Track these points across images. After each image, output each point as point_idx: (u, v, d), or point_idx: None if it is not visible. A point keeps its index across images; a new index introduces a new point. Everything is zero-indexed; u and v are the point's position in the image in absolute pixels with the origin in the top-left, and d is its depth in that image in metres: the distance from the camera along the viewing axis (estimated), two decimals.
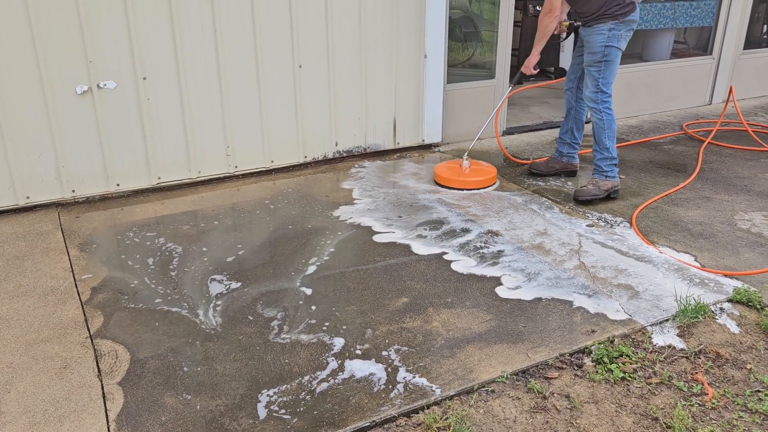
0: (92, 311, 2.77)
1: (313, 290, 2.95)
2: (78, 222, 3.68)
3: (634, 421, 2.16)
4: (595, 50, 3.85)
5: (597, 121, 3.98)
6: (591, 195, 3.97)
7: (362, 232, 3.55)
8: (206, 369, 2.40)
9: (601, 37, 3.82)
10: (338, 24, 4.37)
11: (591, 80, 3.93)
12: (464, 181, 4.17)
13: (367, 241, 3.43)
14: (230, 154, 4.30)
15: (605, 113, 3.95)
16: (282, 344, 2.54)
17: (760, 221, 3.77)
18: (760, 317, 2.74)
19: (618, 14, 3.76)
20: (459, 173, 4.23)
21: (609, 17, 3.78)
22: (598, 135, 4.01)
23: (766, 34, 7.39)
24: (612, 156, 4.01)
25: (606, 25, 3.80)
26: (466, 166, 4.27)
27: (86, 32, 3.66)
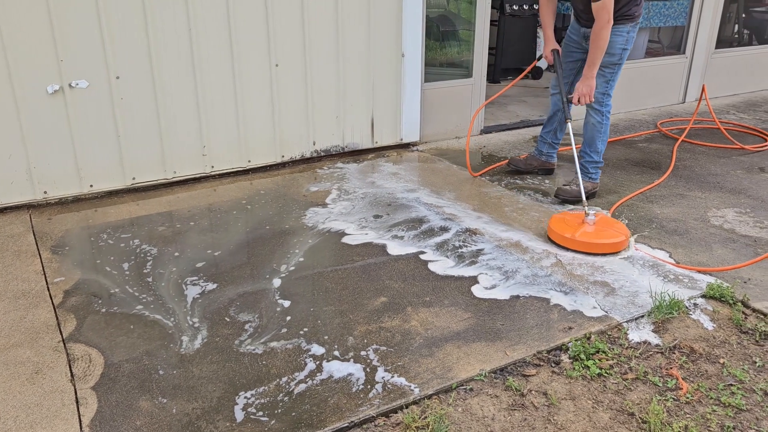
0: (65, 315, 2.72)
1: (291, 291, 2.93)
2: (50, 224, 3.62)
3: (611, 417, 2.18)
4: (614, 51, 3.76)
5: (596, 124, 3.94)
6: (572, 195, 3.94)
7: (340, 232, 3.53)
8: (182, 372, 2.37)
9: (621, 39, 3.74)
10: (315, 22, 4.34)
11: (601, 81, 3.85)
12: (589, 244, 3.30)
13: (345, 241, 3.42)
14: (206, 153, 4.26)
15: (606, 117, 3.93)
16: (259, 346, 2.52)
17: (732, 218, 3.83)
18: (732, 312, 2.78)
19: (636, 15, 3.73)
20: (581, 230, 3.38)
21: (629, 18, 3.72)
22: (592, 137, 3.98)
23: (737, 34, 7.52)
24: (600, 160, 4.03)
25: (626, 27, 3.73)
26: (590, 221, 3.46)
27: (57, 31, 3.60)
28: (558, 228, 3.41)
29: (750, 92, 7.36)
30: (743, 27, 7.56)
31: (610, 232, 3.38)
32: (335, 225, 3.61)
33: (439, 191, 4.16)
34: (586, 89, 3.76)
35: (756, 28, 7.75)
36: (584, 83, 3.76)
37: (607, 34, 3.58)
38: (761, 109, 6.57)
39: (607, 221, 3.55)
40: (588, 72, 3.72)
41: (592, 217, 3.44)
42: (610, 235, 3.35)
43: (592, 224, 3.41)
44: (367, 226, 3.61)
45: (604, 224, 3.48)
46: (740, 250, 3.41)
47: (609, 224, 3.50)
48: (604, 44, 3.61)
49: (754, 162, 4.89)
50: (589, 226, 3.40)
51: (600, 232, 3.37)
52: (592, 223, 3.42)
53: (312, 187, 4.19)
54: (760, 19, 7.75)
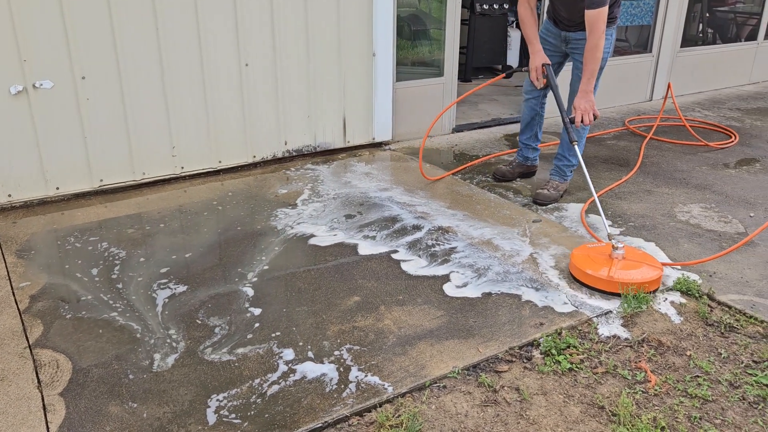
0: (31, 320, 2.66)
1: (263, 292, 2.91)
2: (15, 227, 3.54)
3: (582, 411, 2.21)
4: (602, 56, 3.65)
5: (579, 130, 3.90)
6: (553, 200, 3.98)
7: (311, 233, 3.52)
8: (153, 376, 2.34)
9: (607, 43, 3.65)
10: (285, 21, 4.32)
11: None
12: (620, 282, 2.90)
13: (316, 242, 3.41)
14: (176, 154, 4.20)
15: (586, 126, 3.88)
16: (231, 348, 2.50)
17: (698, 213, 3.92)
18: (698, 305, 2.84)
19: (616, 17, 3.67)
20: (610, 267, 2.99)
21: (612, 21, 3.65)
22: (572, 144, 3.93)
23: (701, 33, 7.68)
24: (576, 164, 4.01)
25: (609, 30, 3.64)
26: (618, 256, 3.04)
27: (19, 30, 3.52)
28: (586, 267, 2.98)
29: (714, 90, 7.53)
30: (707, 26, 7.73)
31: (645, 264, 3.02)
32: (307, 225, 3.60)
33: (412, 190, 4.17)
34: (587, 105, 3.56)
35: (719, 28, 7.93)
36: (584, 99, 3.57)
37: (603, 45, 3.48)
38: (725, 107, 6.72)
39: (636, 254, 3.13)
40: (586, 86, 3.57)
41: (621, 252, 3.03)
42: (648, 268, 2.98)
43: (620, 258, 3.03)
44: (339, 226, 3.60)
45: (636, 256, 3.09)
46: (706, 244, 3.48)
47: (639, 256, 3.12)
48: (600, 55, 3.52)
49: (719, 158, 5.00)
50: (619, 259, 3.02)
51: (633, 264, 3.01)
52: (621, 257, 3.03)
53: (284, 188, 4.17)
54: (723, 18, 7.94)
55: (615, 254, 3.03)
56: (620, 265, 2.99)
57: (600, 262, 3.02)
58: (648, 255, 3.16)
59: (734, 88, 7.70)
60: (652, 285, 2.92)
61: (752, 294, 2.96)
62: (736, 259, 3.30)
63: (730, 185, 4.39)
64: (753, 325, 2.71)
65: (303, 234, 3.48)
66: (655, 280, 2.93)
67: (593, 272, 2.95)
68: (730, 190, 4.31)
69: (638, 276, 2.92)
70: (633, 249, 3.21)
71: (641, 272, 2.95)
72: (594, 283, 2.94)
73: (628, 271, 2.95)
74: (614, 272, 2.94)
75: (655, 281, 2.94)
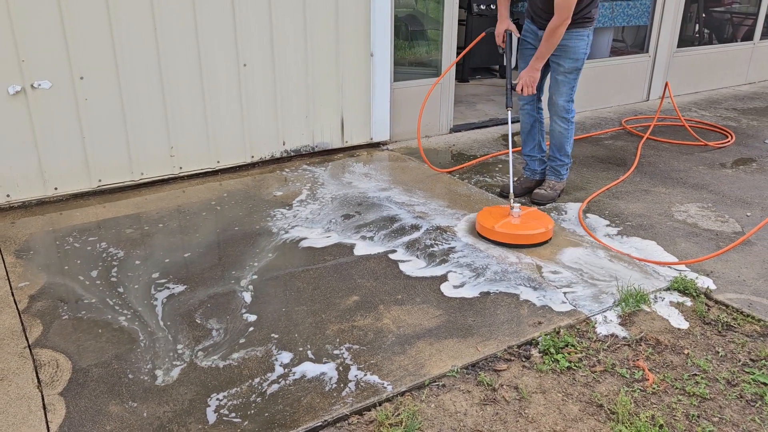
0: (30, 320, 2.66)
1: (262, 292, 2.91)
2: (14, 228, 3.54)
3: (580, 409, 2.22)
4: (577, 56, 3.69)
5: (563, 131, 3.92)
6: (550, 200, 3.99)
7: (310, 232, 3.53)
8: (152, 375, 2.34)
9: (583, 43, 3.67)
10: (283, 22, 4.33)
11: (566, 89, 3.79)
12: (514, 235, 3.35)
13: (315, 242, 3.41)
14: (174, 155, 4.21)
15: (571, 122, 3.92)
16: (230, 347, 2.50)
17: (695, 212, 3.93)
18: (696, 304, 2.86)
19: (594, 18, 3.66)
20: (506, 223, 3.43)
21: (589, 21, 3.65)
22: (560, 143, 3.97)
23: (698, 33, 7.71)
24: (570, 161, 4.07)
25: (586, 30, 3.66)
26: (515, 214, 3.51)
27: (17, 30, 3.52)
28: (484, 221, 3.45)
29: (711, 90, 7.56)
30: (704, 26, 7.76)
31: (533, 223, 3.43)
32: (305, 226, 3.60)
33: (410, 190, 4.18)
34: (529, 79, 3.69)
35: (716, 28, 7.96)
36: (529, 73, 3.68)
37: (562, 32, 3.50)
38: (722, 107, 6.75)
39: (532, 214, 3.56)
40: (535, 63, 3.65)
41: (517, 210, 3.49)
42: (533, 226, 3.40)
43: (517, 217, 3.47)
44: (337, 226, 3.61)
45: (529, 217, 3.52)
46: (703, 243, 3.50)
47: (534, 217, 3.53)
48: (556, 41, 3.53)
49: (716, 158, 5.02)
50: (514, 218, 3.46)
51: (524, 224, 3.43)
52: (517, 216, 3.47)
53: (282, 188, 4.17)
54: (719, 18, 7.97)
55: (512, 212, 3.48)
56: (516, 222, 3.43)
57: (497, 218, 3.47)
58: (544, 214, 3.57)
59: (731, 88, 7.72)
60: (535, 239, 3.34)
61: (749, 293, 2.98)
62: (733, 258, 3.31)
63: (727, 185, 4.41)
64: (750, 324, 2.72)
65: (301, 235, 3.49)
66: (545, 232, 3.36)
67: (486, 224, 3.40)
68: (726, 189, 4.32)
69: (526, 231, 3.35)
70: (533, 210, 3.62)
71: (530, 227, 3.38)
72: (487, 234, 3.40)
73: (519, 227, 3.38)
74: (504, 226, 3.37)
75: (540, 235, 3.35)
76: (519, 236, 3.34)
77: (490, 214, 3.54)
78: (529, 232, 3.36)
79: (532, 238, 3.36)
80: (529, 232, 3.36)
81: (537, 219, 3.50)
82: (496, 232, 3.36)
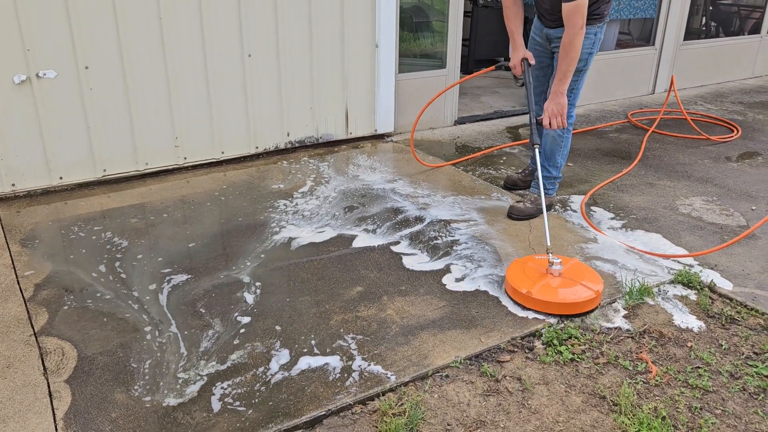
0: (36, 308, 2.67)
1: (266, 282, 2.92)
2: (19, 217, 3.55)
3: (583, 400, 2.23)
4: (581, 57, 3.30)
5: (556, 137, 3.59)
6: (528, 215, 3.60)
7: (314, 223, 3.53)
8: (157, 363, 2.35)
9: (588, 42, 3.32)
10: (287, 12, 4.31)
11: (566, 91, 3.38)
12: (557, 304, 2.67)
13: (319, 232, 3.42)
14: (179, 145, 4.21)
15: (568, 130, 3.58)
16: (234, 336, 2.51)
17: (700, 206, 3.93)
18: (700, 297, 2.86)
19: (605, 14, 3.37)
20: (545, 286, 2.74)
21: (598, 18, 3.34)
22: (552, 151, 3.64)
23: (704, 26, 7.67)
24: (558, 176, 3.73)
25: (594, 28, 3.34)
26: (555, 272, 2.81)
27: (23, 19, 3.52)
28: (516, 281, 2.76)
29: (717, 83, 7.52)
30: (710, 19, 7.71)
31: (579, 287, 2.74)
32: (309, 217, 3.61)
33: (415, 181, 4.17)
34: (557, 108, 3.26)
35: (723, 21, 7.91)
36: (554, 102, 3.26)
37: (580, 43, 3.13)
38: (728, 100, 6.72)
39: (576, 268, 2.89)
40: (558, 88, 3.24)
41: (558, 267, 2.81)
42: (579, 292, 2.71)
43: (557, 275, 2.80)
44: (341, 217, 3.61)
45: (573, 273, 2.85)
46: (707, 237, 3.49)
47: (578, 272, 2.86)
48: (576, 55, 3.16)
49: (721, 152, 5.00)
50: (554, 278, 2.79)
51: (568, 285, 2.75)
52: (557, 273, 2.81)
53: (286, 179, 4.17)
54: (726, 11, 7.92)
55: (552, 269, 2.80)
56: (555, 283, 2.75)
57: (533, 278, 2.77)
58: (594, 272, 2.87)
59: (737, 81, 7.69)
60: (584, 306, 2.68)
61: (753, 286, 2.97)
62: (737, 252, 3.31)
63: (732, 178, 4.40)
64: (754, 317, 2.72)
65: (304, 226, 3.49)
66: (588, 301, 2.68)
67: (517, 287, 2.73)
68: (732, 183, 4.31)
69: (566, 299, 2.67)
70: (577, 263, 2.93)
71: (573, 292, 2.70)
72: (519, 300, 2.73)
73: (561, 289, 2.71)
74: (542, 291, 2.69)
75: (587, 303, 2.68)
76: (564, 305, 2.67)
77: (524, 271, 2.83)
78: (576, 300, 2.67)
79: (579, 307, 2.68)
80: (575, 300, 2.67)
81: (582, 276, 2.81)
82: (534, 300, 2.68)
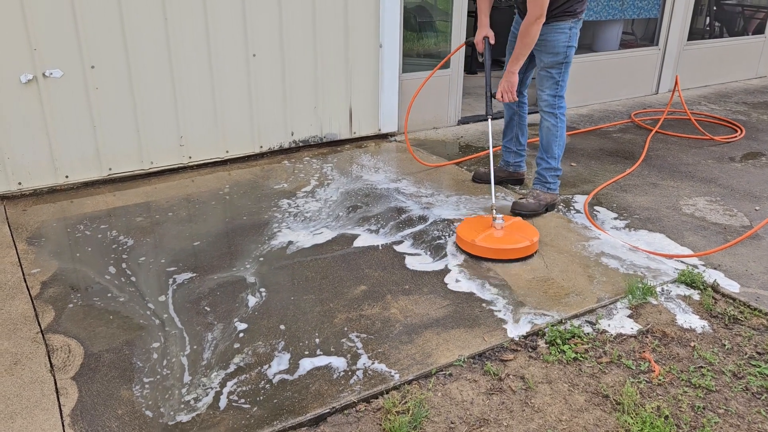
0: (43, 306, 2.69)
1: (271, 280, 2.94)
2: (25, 215, 3.57)
3: (586, 399, 2.24)
4: (557, 50, 3.50)
5: (550, 127, 3.65)
6: (531, 210, 3.64)
7: (317, 222, 3.55)
8: (163, 360, 2.37)
9: (563, 36, 3.49)
10: (292, 12, 4.33)
11: (550, 83, 3.60)
12: (495, 249, 3.12)
13: (323, 231, 3.43)
14: (184, 144, 4.23)
15: (560, 119, 3.64)
16: (240, 334, 2.53)
17: (703, 206, 3.93)
18: (703, 297, 2.86)
19: (578, 12, 3.49)
20: (488, 236, 3.19)
21: (570, 15, 3.48)
22: (548, 142, 3.69)
23: (708, 26, 7.66)
24: (558, 167, 3.74)
25: (567, 23, 3.48)
26: (498, 226, 3.27)
27: (29, 19, 3.54)
28: (464, 233, 3.21)
29: (721, 83, 7.51)
30: (714, 19, 7.71)
31: (517, 236, 3.19)
32: (313, 216, 3.62)
33: (419, 181, 4.19)
34: (507, 85, 3.56)
35: (726, 21, 7.90)
36: (506, 78, 3.56)
37: (535, 31, 3.35)
38: (731, 100, 6.71)
39: (517, 225, 3.34)
40: (511, 67, 3.51)
41: (500, 222, 3.26)
42: (516, 239, 3.16)
43: (500, 228, 3.23)
44: (344, 217, 3.62)
45: (513, 228, 3.30)
46: (711, 237, 3.50)
47: (518, 228, 3.31)
48: (531, 41, 3.39)
49: (725, 152, 5.00)
50: (497, 231, 3.22)
51: (507, 236, 3.20)
52: (500, 227, 3.24)
53: (290, 178, 4.19)
54: (730, 11, 7.91)
55: (494, 223, 3.26)
56: (497, 234, 3.21)
57: (478, 231, 3.24)
58: (530, 225, 3.37)
59: (741, 82, 7.68)
60: (520, 252, 3.14)
61: (757, 286, 2.98)
62: (740, 252, 3.31)
63: (736, 179, 4.40)
64: (757, 318, 2.73)
65: (308, 225, 3.51)
66: (530, 246, 3.15)
67: (465, 237, 3.19)
68: (735, 183, 4.31)
69: (506, 245, 3.13)
70: (518, 221, 3.39)
71: (512, 241, 3.16)
72: (465, 248, 3.19)
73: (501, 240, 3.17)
74: (485, 240, 3.15)
75: (523, 249, 3.14)
76: (501, 250, 3.11)
77: (471, 225, 3.32)
78: (512, 246, 3.13)
79: (515, 252, 3.13)
80: (511, 246, 3.13)
81: (521, 230, 3.28)
82: (477, 246, 3.13)
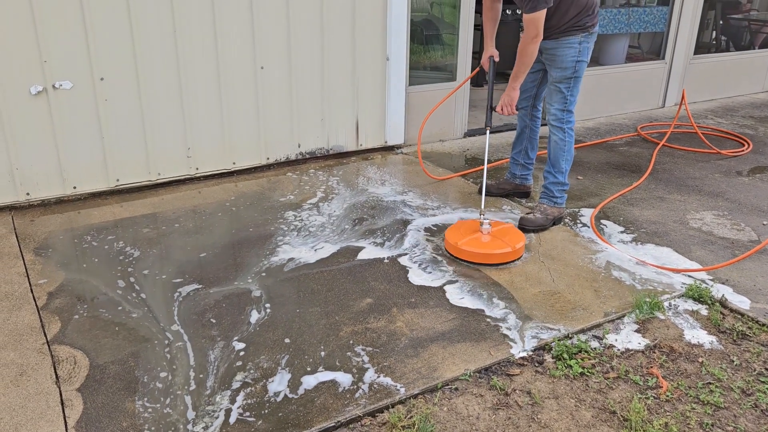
0: (49, 317, 2.70)
1: (276, 293, 2.93)
2: (33, 226, 3.59)
3: (593, 415, 2.22)
4: (566, 65, 3.54)
5: (558, 141, 3.67)
6: (538, 225, 3.64)
7: (324, 235, 3.55)
8: (169, 373, 2.36)
9: (572, 51, 3.52)
10: (300, 25, 4.36)
11: (559, 97, 3.62)
12: (477, 254, 3.20)
13: (329, 244, 3.43)
14: (191, 155, 4.25)
15: (569, 134, 3.65)
16: (244, 346, 2.53)
17: (711, 220, 3.91)
18: (711, 312, 2.84)
19: (588, 26, 3.51)
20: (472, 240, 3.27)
21: (580, 29, 3.50)
22: (556, 156, 3.70)
23: (714, 40, 7.66)
24: (565, 182, 3.74)
25: (576, 38, 3.51)
26: (485, 230, 3.33)
27: (40, 31, 3.57)
28: (451, 236, 3.30)
29: (727, 97, 7.51)
30: (720, 34, 7.71)
31: (499, 242, 3.25)
32: (319, 228, 3.62)
33: (426, 193, 4.19)
34: (507, 99, 3.62)
35: (733, 35, 7.91)
36: (506, 93, 3.62)
37: (532, 50, 3.38)
38: (738, 114, 6.70)
39: (505, 230, 3.38)
40: (512, 83, 3.57)
41: (487, 226, 3.32)
42: (498, 245, 3.22)
43: (486, 233, 3.30)
44: (350, 230, 3.63)
45: (501, 233, 3.34)
46: (718, 251, 3.48)
47: (505, 233, 3.35)
48: (528, 60, 3.43)
49: (732, 166, 4.99)
50: (484, 235, 3.29)
51: (492, 241, 3.26)
52: (486, 232, 3.31)
53: (296, 190, 4.20)
54: (736, 26, 7.92)
55: (482, 228, 3.31)
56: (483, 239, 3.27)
57: (465, 235, 3.31)
58: (515, 230, 3.43)
59: (747, 95, 7.67)
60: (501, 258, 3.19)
61: (765, 302, 2.96)
62: (748, 267, 3.29)
63: (743, 193, 4.38)
64: (766, 333, 2.71)
65: (314, 237, 3.51)
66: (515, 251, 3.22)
67: (451, 240, 3.27)
68: (743, 197, 4.30)
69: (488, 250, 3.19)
70: (507, 227, 3.45)
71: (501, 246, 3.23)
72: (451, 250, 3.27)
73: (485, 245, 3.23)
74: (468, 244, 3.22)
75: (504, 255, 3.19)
76: (481, 255, 3.18)
77: (459, 229, 3.37)
78: (493, 252, 3.19)
79: (496, 257, 3.18)
80: (492, 252, 3.19)
81: (506, 236, 3.32)
82: (461, 250, 3.20)
